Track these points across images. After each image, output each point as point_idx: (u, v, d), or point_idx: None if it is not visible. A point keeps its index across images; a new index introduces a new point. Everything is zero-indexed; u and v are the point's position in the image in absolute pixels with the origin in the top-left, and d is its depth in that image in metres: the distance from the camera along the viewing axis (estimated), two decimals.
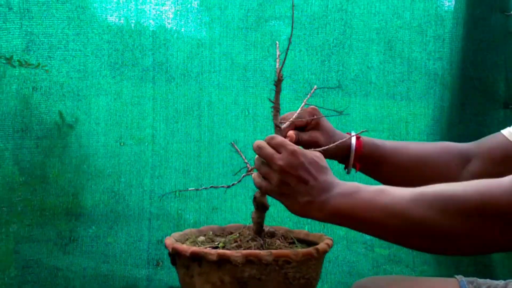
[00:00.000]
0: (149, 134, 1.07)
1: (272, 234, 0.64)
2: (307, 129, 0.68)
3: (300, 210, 0.53)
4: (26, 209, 0.98)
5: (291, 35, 0.62)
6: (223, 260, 0.55)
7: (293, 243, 0.66)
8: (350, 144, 0.68)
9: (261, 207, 0.63)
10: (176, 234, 0.65)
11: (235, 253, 0.55)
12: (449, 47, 1.11)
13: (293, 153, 0.53)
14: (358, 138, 0.69)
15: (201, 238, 0.65)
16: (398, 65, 1.12)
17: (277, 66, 0.63)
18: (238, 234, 0.64)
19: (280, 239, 0.64)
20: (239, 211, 1.07)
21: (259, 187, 0.57)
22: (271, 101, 0.63)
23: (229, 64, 1.09)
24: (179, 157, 1.07)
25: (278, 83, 0.63)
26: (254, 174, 0.59)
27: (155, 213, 1.06)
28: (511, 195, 0.42)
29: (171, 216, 1.07)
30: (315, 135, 0.67)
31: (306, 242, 0.68)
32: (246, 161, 0.66)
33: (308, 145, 0.66)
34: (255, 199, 0.63)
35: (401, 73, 1.12)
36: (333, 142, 0.65)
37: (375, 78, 1.13)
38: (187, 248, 0.57)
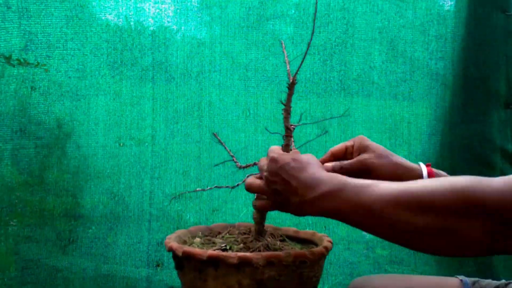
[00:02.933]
0: (148, 135, 1.09)
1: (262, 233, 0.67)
2: (354, 155, 0.67)
3: (296, 210, 0.55)
4: (26, 210, 1.01)
5: (311, 39, 0.64)
6: (243, 263, 0.56)
7: (284, 240, 0.69)
8: (421, 175, 0.66)
9: None
10: (171, 236, 0.67)
11: (256, 256, 0.57)
12: (451, 46, 1.15)
13: (272, 159, 0.56)
14: (428, 165, 0.68)
15: (197, 239, 0.67)
16: (401, 65, 1.16)
17: (287, 68, 0.65)
18: (237, 234, 0.68)
19: (270, 237, 0.67)
20: (239, 213, 1.10)
21: (259, 207, 0.61)
22: (282, 103, 0.66)
23: (229, 63, 1.12)
24: (179, 158, 1.10)
25: (291, 86, 0.66)
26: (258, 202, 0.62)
27: (155, 215, 1.10)
28: (501, 195, 0.44)
29: (171, 217, 1.10)
30: (364, 157, 0.65)
31: (297, 240, 0.71)
32: (231, 154, 0.68)
33: (359, 169, 0.64)
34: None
35: (404, 73, 1.17)
36: (394, 164, 0.64)
37: (377, 78, 1.17)
38: (202, 252, 0.57)
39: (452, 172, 1.25)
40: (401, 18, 1.16)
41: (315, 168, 0.54)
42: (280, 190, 0.55)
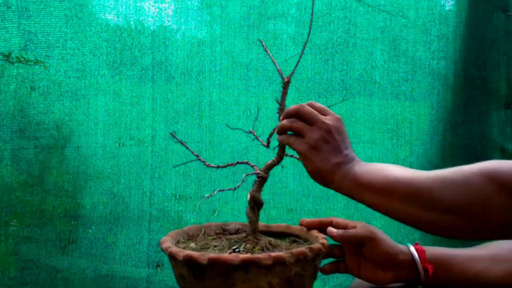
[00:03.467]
0: (148, 135, 1.10)
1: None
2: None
3: (326, 168, 0.59)
4: (25, 210, 1.02)
5: (307, 39, 0.65)
6: (276, 263, 0.58)
7: (274, 237, 0.71)
8: (411, 257, 0.68)
9: (257, 204, 0.67)
10: (168, 238, 0.67)
11: (287, 254, 0.59)
12: (452, 46, 1.15)
13: (339, 120, 0.62)
14: (416, 244, 0.70)
15: (192, 244, 0.67)
16: (403, 65, 1.17)
17: (277, 68, 0.67)
18: (233, 235, 0.69)
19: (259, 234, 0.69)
20: (240, 213, 1.11)
21: (286, 143, 0.64)
22: (278, 102, 0.67)
23: (230, 63, 1.12)
24: (179, 158, 1.11)
25: (286, 85, 0.67)
26: (281, 136, 0.64)
27: (155, 215, 1.10)
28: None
29: (171, 218, 1.11)
30: (366, 229, 0.68)
31: (288, 235, 0.73)
32: (195, 153, 0.69)
33: (365, 240, 0.67)
34: (252, 198, 0.67)
35: (405, 73, 1.17)
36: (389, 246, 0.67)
37: (379, 78, 1.17)
38: (234, 256, 0.58)
39: None
40: (403, 17, 1.16)
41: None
42: (332, 144, 0.60)
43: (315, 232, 0.70)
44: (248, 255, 0.59)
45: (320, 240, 0.66)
